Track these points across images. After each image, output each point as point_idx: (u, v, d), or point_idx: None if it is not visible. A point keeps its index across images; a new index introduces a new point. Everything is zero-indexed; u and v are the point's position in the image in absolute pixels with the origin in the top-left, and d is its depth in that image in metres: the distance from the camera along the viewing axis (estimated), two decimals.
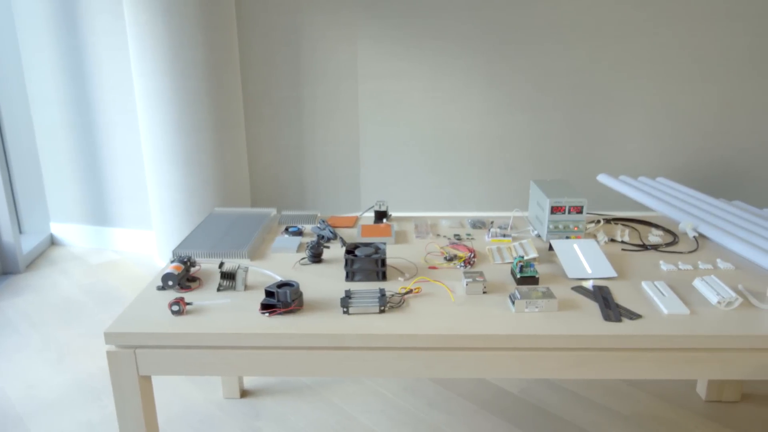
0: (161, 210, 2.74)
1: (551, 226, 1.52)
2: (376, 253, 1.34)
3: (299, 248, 1.52)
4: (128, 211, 3.05)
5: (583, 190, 3.12)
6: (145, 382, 1.19)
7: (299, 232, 1.61)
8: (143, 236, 3.07)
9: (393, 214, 3.21)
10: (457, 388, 1.93)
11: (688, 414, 1.80)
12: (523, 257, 1.33)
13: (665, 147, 3.04)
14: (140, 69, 2.58)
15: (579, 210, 1.50)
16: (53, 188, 3.12)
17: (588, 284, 1.31)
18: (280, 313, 1.18)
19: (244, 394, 1.91)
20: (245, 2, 2.82)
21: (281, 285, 1.20)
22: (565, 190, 1.56)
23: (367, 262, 1.32)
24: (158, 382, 1.97)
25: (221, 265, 1.29)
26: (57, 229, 3.18)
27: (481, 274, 1.30)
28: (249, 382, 1.97)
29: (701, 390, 1.87)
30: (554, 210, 1.50)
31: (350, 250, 1.35)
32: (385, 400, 1.88)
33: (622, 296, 1.26)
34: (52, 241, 3.20)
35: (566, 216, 1.51)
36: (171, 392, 1.92)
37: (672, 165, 3.06)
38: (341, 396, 1.90)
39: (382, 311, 1.19)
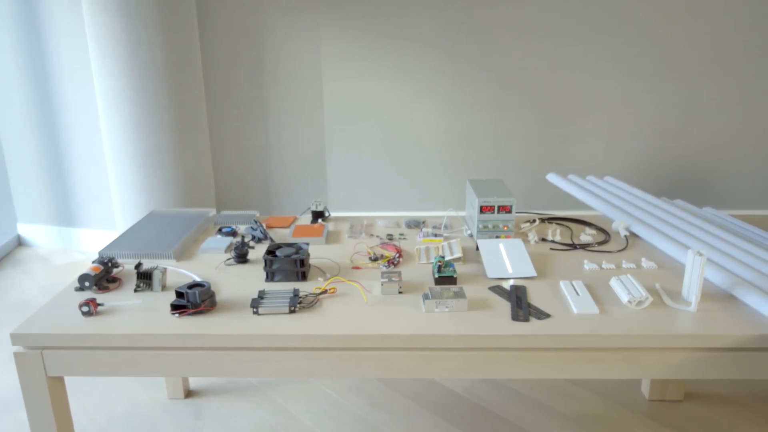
0: (123, 211, 2.74)
1: (480, 226, 1.51)
2: (297, 253, 1.34)
3: (228, 249, 1.52)
4: (93, 211, 3.05)
5: (544, 189, 3.12)
6: (56, 383, 1.19)
7: (233, 233, 1.61)
8: (108, 237, 3.07)
9: (361, 214, 3.22)
10: (401, 388, 1.93)
11: (629, 413, 1.80)
12: (443, 257, 1.33)
13: (630, 146, 3.04)
14: (100, 70, 2.58)
15: (508, 209, 1.50)
16: (19, 189, 3.12)
17: (508, 284, 1.31)
18: (189, 314, 1.18)
19: (189, 394, 1.91)
20: (206, 3, 2.82)
21: (192, 286, 1.20)
22: (496, 190, 1.56)
23: (286, 263, 1.32)
24: (103, 383, 1.97)
25: (138, 265, 1.29)
26: (24, 230, 3.18)
27: (398, 274, 1.30)
28: (194, 382, 1.97)
29: (645, 389, 1.87)
30: (483, 209, 1.50)
31: (271, 251, 1.35)
32: (328, 399, 1.88)
33: (538, 296, 1.26)
34: (20, 242, 3.20)
35: (495, 215, 1.50)
36: (116, 392, 1.92)
37: (637, 164, 3.06)
38: (286, 396, 1.90)
39: (292, 311, 1.19)
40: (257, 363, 1.15)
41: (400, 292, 1.27)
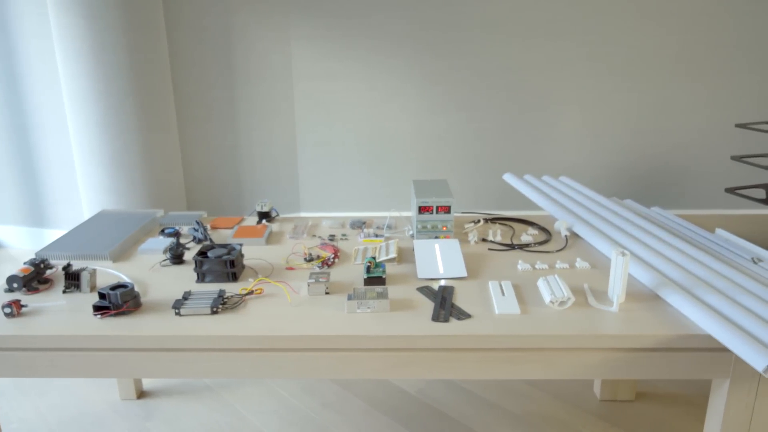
0: (91, 211, 2.74)
1: (420, 226, 1.51)
2: (229, 254, 1.34)
3: (167, 250, 1.52)
4: (64, 212, 3.06)
5: (515, 189, 3.12)
6: None
7: (175, 234, 1.61)
8: None
9: (333, 214, 3.22)
10: (354, 389, 1.93)
11: (580, 413, 1.80)
12: (374, 258, 1.33)
13: (602, 145, 3.03)
14: (66, 71, 2.58)
15: (447, 210, 1.50)
16: None
17: (439, 284, 1.31)
18: (111, 315, 1.18)
19: (142, 395, 1.92)
20: (175, 4, 2.82)
21: (116, 287, 1.20)
22: (437, 190, 1.56)
23: (216, 264, 1.32)
24: (57, 383, 1.97)
25: (67, 266, 1.29)
26: None
27: (326, 275, 1.30)
28: (148, 383, 1.97)
29: (597, 389, 1.87)
30: (422, 210, 1.50)
31: (203, 252, 1.35)
32: (280, 400, 1.88)
33: (465, 296, 1.25)
34: None
35: (434, 216, 1.50)
36: (69, 393, 1.93)
37: (609, 163, 3.06)
38: (238, 396, 1.90)
39: (214, 312, 1.19)
40: (177, 364, 1.15)
41: (326, 293, 1.27)
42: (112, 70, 2.54)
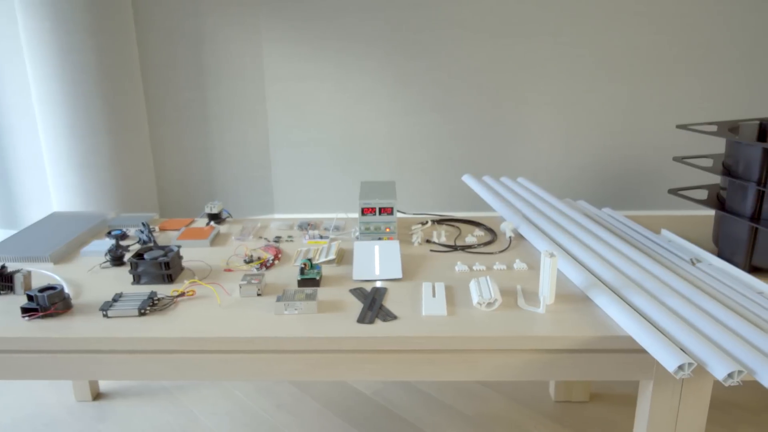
0: None
1: (363, 227, 1.51)
2: (165, 256, 1.34)
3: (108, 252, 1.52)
4: (36, 214, 3.06)
5: None
6: None
7: (122, 236, 1.61)
8: None
9: (307, 215, 3.22)
10: (310, 390, 1.93)
11: (533, 414, 1.80)
12: (310, 260, 1.33)
13: (573, 146, 3.03)
14: (34, 73, 2.59)
15: (389, 211, 1.50)
16: None
17: (374, 285, 1.31)
18: (39, 317, 1.19)
19: (99, 396, 1.92)
20: (144, 6, 2.82)
21: (44, 289, 1.20)
22: (381, 192, 1.56)
23: (151, 266, 1.32)
24: (15, 385, 1.98)
25: (1, 268, 1.29)
26: None
27: (259, 276, 1.30)
28: (104, 385, 1.97)
29: (552, 390, 1.87)
30: (365, 211, 1.50)
31: (140, 254, 1.35)
32: (235, 401, 1.88)
33: (396, 298, 1.25)
34: None
35: (377, 217, 1.50)
36: (26, 394, 1.93)
37: (579, 164, 3.06)
38: (193, 398, 1.90)
39: (142, 314, 1.19)
40: (103, 366, 1.15)
41: (259, 295, 1.27)
42: (80, 72, 2.54)
